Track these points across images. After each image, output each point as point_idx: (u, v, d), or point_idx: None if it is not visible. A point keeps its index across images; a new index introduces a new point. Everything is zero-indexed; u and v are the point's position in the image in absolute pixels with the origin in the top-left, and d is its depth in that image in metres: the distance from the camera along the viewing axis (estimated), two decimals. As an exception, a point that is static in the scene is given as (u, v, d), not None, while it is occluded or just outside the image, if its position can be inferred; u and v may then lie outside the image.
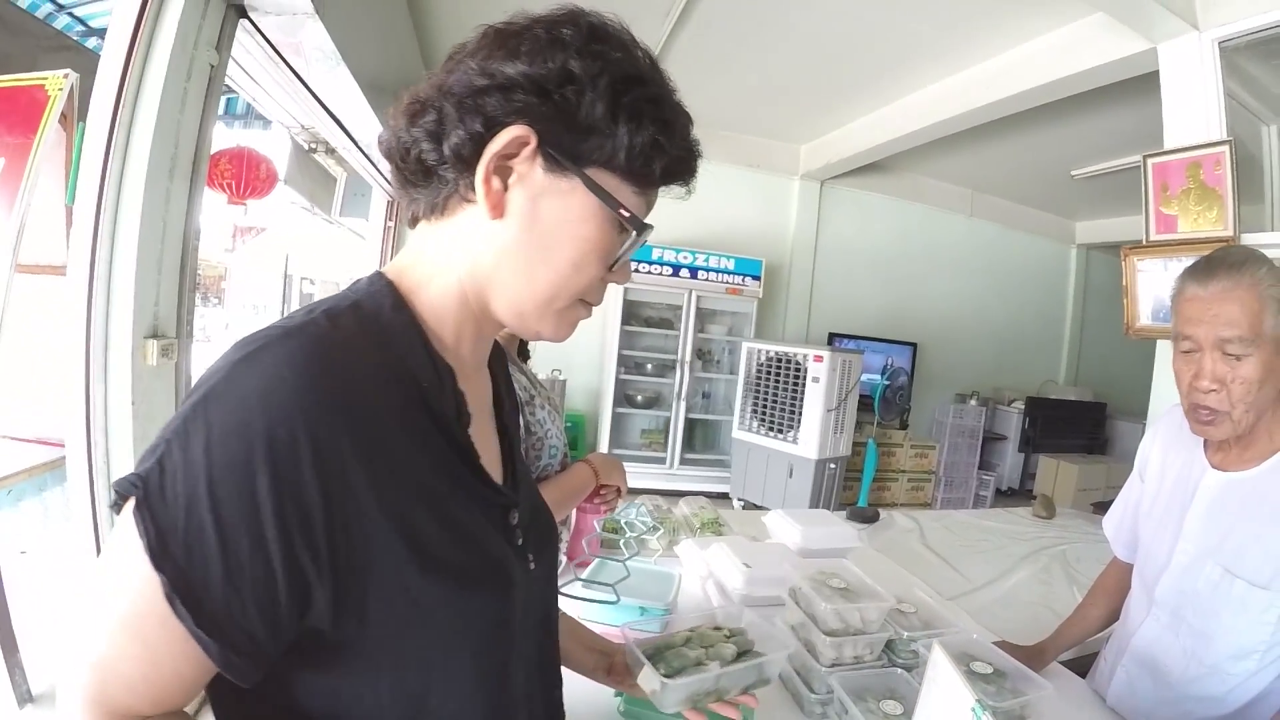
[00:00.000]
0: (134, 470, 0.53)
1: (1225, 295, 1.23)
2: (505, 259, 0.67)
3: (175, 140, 1.99)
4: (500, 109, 0.63)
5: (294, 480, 0.52)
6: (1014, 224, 8.36)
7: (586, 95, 0.63)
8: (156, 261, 2.00)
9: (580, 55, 0.63)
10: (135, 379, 1.94)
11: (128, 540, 0.51)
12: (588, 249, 0.67)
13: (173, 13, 1.89)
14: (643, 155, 0.66)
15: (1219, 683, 1.34)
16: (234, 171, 4.16)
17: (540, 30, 0.64)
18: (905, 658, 1.45)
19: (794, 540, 2.17)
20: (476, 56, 0.65)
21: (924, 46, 4.64)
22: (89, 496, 1.90)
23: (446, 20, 4.76)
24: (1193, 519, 1.40)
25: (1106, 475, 7.17)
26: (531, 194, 0.65)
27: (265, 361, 0.54)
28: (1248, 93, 3.40)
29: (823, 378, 5.46)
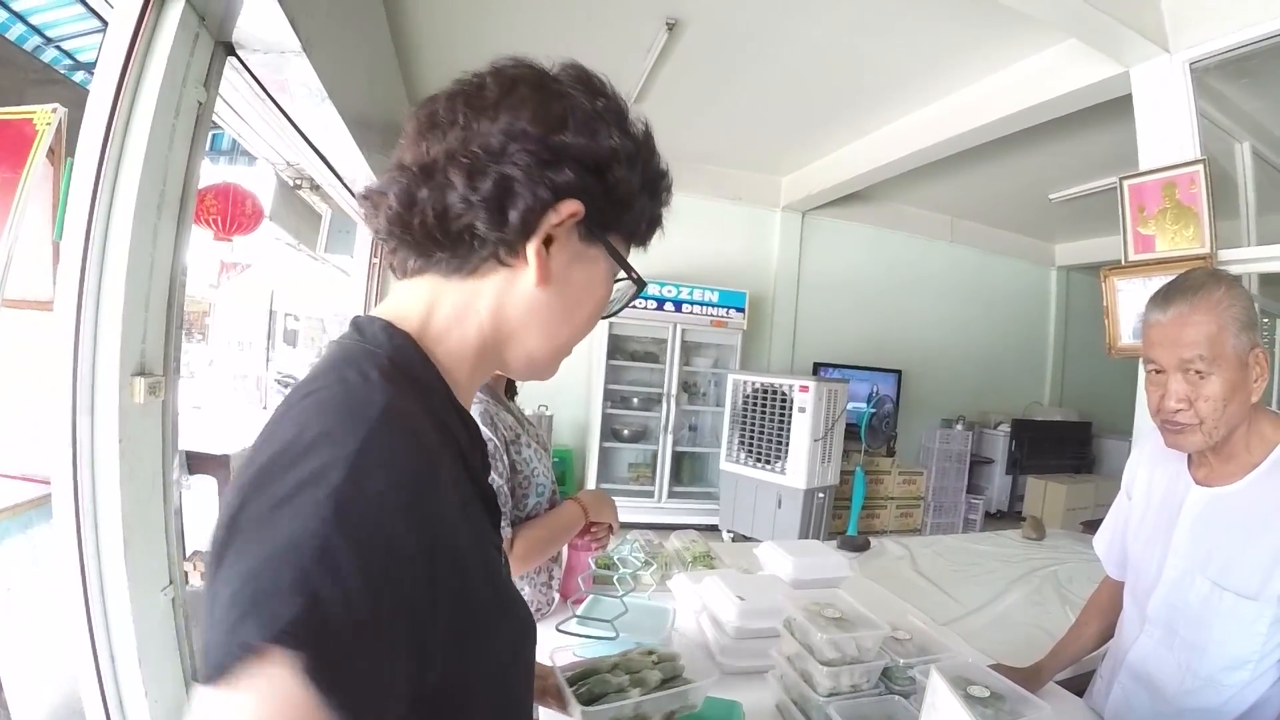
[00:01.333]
0: (247, 623, 0.42)
1: (1184, 320, 1.28)
2: (533, 317, 0.69)
3: (163, 177, 1.98)
4: (564, 183, 0.64)
5: (428, 565, 0.51)
6: (994, 248, 8.47)
7: (625, 172, 0.67)
8: (144, 298, 1.98)
9: (620, 132, 0.67)
10: (122, 417, 1.92)
11: (272, 692, 0.41)
12: (600, 306, 0.74)
13: (161, 50, 1.90)
14: (650, 227, 0.74)
15: (1215, 694, 1.35)
16: (220, 207, 4.16)
17: (581, 97, 0.67)
18: (902, 684, 1.44)
19: (786, 572, 2.16)
20: (518, 114, 0.64)
21: (901, 77, 4.72)
22: (74, 535, 1.87)
23: (432, 58, 4.79)
24: (1180, 535, 1.42)
25: (1095, 494, 7.22)
26: (566, 259, 0.68)
27: (380, 454, 0.51)
28: (1220, 112, 3.47)
29: (809, 407, 5.48)
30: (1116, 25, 3.17)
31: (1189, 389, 1.29)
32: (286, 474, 0.49)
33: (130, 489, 1.96)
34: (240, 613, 0.43)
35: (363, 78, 3.65)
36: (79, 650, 1.93)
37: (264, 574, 0.44)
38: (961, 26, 3.92)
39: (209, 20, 2.05)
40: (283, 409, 0.58)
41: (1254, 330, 1.27)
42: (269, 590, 0.43)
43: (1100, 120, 4.43)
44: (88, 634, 1.92)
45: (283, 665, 0.41)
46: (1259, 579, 1.27)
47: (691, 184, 6.91)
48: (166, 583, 2.13)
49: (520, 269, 0.66)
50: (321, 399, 0.56)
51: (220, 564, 0.47)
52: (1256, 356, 1.27)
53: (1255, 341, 1.27)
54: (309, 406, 0.56)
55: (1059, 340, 8.99)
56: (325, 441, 0.50)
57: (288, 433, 0.52)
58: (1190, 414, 1.30)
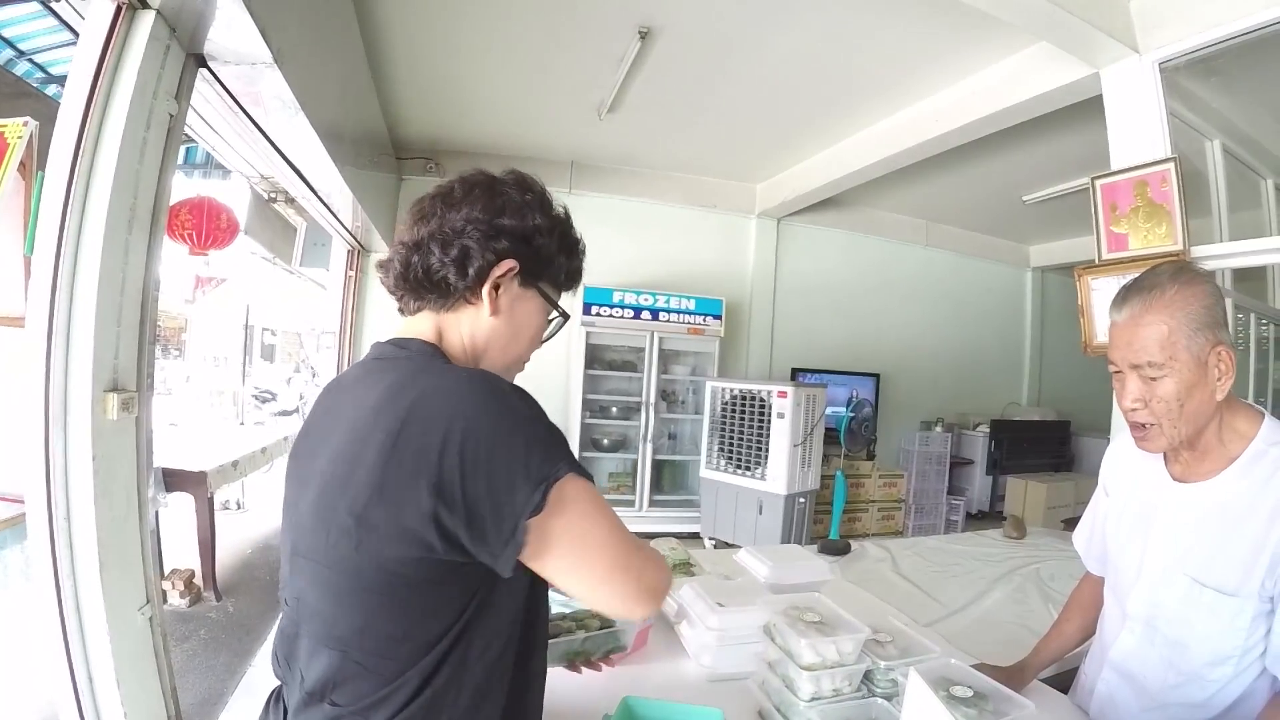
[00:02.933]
0: (543, 470, 0.82)
1: (1136, 321, 1.28)
2: (493, 338, 1.03)
3: (134, 190, 1.97)
4: (501, 248, 0.99)
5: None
6: (969, 251, 8.53)
7: (545, 240, 1.03)
8: (116, 313, 1.96)
9: (540, 214, 1.03)
10: (95, 433, 1.90)
11: (577, 493, 0.85)
12: (536, 333, 1.10)
13: (132, 62, 1.88)
14: (570, 277, 1.11)
15: (1198, 689, 1.35)
16: (195, 222, 4.13)
17: (514, 194, 1.02)
18: (885, 687, 1.44)
19: (765, 577, 2.16)
20: (474, 207, 0.99)
21: (873, 83, 4.75)
22: (49, 553, 1.85)
23: (405, 71, 4.78)
24: (1158, 532, 1.42)
25: (1075, 492, 7.28)
26: (510, 299, 1.03)
27: (500, 382, 0.88)
28: (1189, 110, 3.51)
29: (788, 413, 5.47)
30: (1086, 28, 3.21)
31: (1144, 389, 1.30)
32: (482, 422, 0.82)
33: (104, 507, 1.93)
34: (538, 462, 0.82)
35: (336, 90, 3.63)
36: (56, 671, 1.90)
37: (531, 449, 0.83)
38: (933, 32, 3.95)
39: (180, 32, 2.03)
40: (397, 414, 0.84)
41: (1215, 328, 1.26)
42: (544, 450, 0.84)
43: (1071, 122, 4.47)
44: (64, 654, 1.89)
45: (572, 474, 0.84)
46: (1238, 575, 1.27)
47: (666, 192, 6.94)
48: (144, 602, 2.10)
49: (480, 305, 1.01)
50: (446, 384, 0.87)
51: (479, 478, 0.80)
52: (1219, 355, 1.26)
53: (1217, 339, 1.26)
54: (441, 389, 0.86)
55: (1035, 341, 9.07)
56: (479, 398, 0.85)
57: (443, 415, 0.82)
58: (1146, 413, 1.31)
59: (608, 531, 0.87)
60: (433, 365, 0.95)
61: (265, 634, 3.70)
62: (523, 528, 0.80)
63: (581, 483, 0.85)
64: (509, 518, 0.79)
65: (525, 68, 4.64)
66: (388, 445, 0.81)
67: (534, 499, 0.80)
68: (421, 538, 0.79)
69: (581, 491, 0.85)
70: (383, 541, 0.81)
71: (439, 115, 5.70)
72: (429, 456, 0.79)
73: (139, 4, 1.87)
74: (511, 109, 5.43)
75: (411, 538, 0.80)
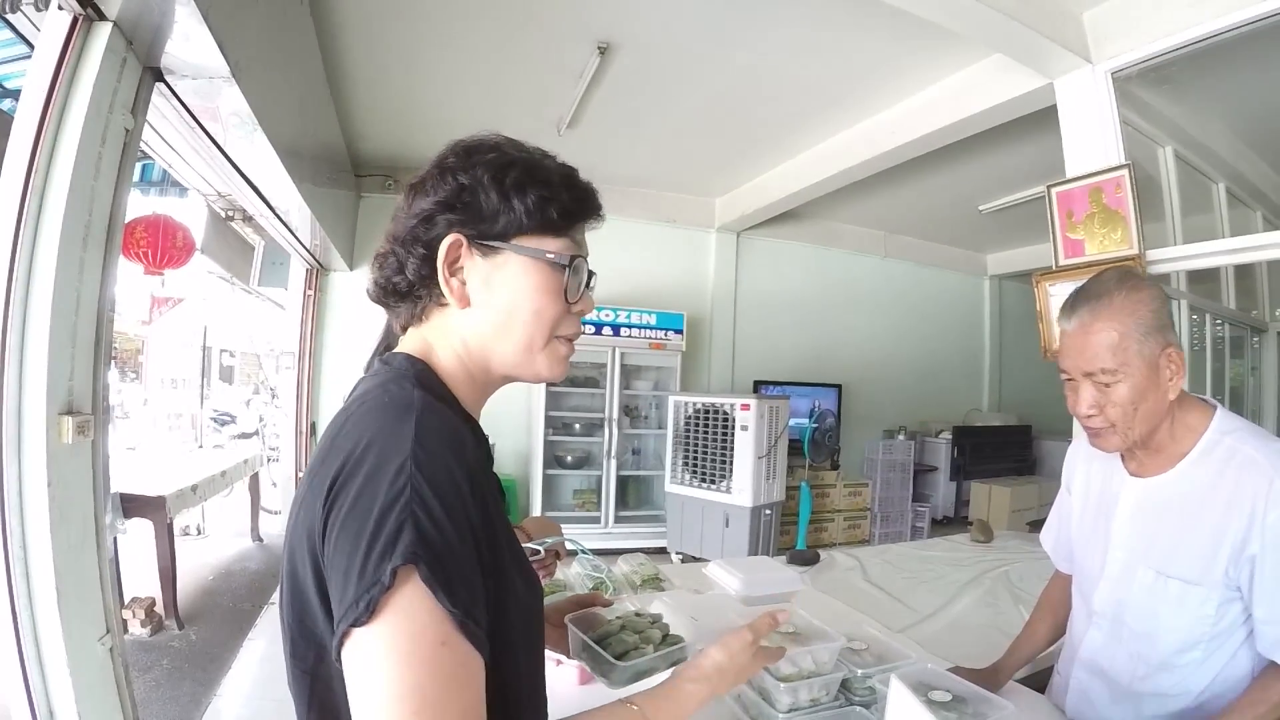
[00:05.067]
0: (384, 551, 0.63)
1: (1086, 330, 1.31)
2: (483, 332, 0.87)
3: (89, 207, 1.92)
4: (432, 233, 0.85)
5: (474, 506, 0.71)
6: (927, 261, 8.67)
7: (479, 194, 0.85)
8: (70, 333, 1.91)
9: (464, 170, 0.86)
10: (50, 458, 1.84)
11: (407, 606, 0.63)
12: (537, 296, 0.87)
13: (88, 75, 1.84)
14: (538, 211, 0.86)
15: (1168, 676, 1.38)
16: (150, 240, 4.06)
17: (434, 169, 0.88)
18: (862, 695, 1.44)
19: (737, 590, 2.15)
20: (405, 207, 0.89)
21: (830, 97, 4.81)
22: (5, 582, 1.78)
23: (365, 89, 4.75)
24: (1119, 527, 1.45)
25: (1038, 494, 7.41)
26: (482, 278, 0.86)
27: (429, 426, 0.73)
28: (1142, 118, 3.62)
29: (751, 425, 5.50)
30: (1040, 39, 3.28)
31: (1098, 395, 1.32)
32: (366, 459, 0.69)
33: (62, 534, 1.87)
34: (375, 559, 0.63)
35: (294, 105, 3.58)
36: (15, 704, 1.84)
37: (381, 526, 0.64)
38: (889, 46, 4.01)
39: (137, 44, 2.00)
40: (339, 421, 0.79)
41: (1165, 331, 1.29)
42: (390, 534, 0.63)
43: (1026, 131, 4.56)
44: (23, 687, 1.82)
45: (412, 581, 0.63)
46: (1201, 564, 1.31)
47: (625, 208, 6.93)
48: (104, 632, 2.04)
49: (451, 303, 0.86)
50: (373, 406, 0.77)
51: (331, 541, 0.67)
52: (1169, 357, 1.29)
53: (1168, 341, 1.29)
54: (366, 413, 0.76)
55: (994, 347, 9.23)
56: (389, 430, 0.71)
57: (354, 434, 0.73)
58: (1101, 419, 1.33)
59: (398, 695, 0.62)
60: (387, 384, 0.81)
61: (230, 663, 3.60)
62: (343, 630, 0.64)
63: (414, 601, 0.63)
64: (339, 605, 0.65)
65: (485, 84, 4.63)
66: (315, 464, 0.75)
67: (360, 605, 0.62)
68: (313, 566, 0.71)
69: (406, 618, 0.63)
70: (294, 554, 0.75)
71: (398, 132, 5.66)
72: (323, 490, 0.70)
73: (95, 15, 1.83)
74: (471, 125, 5.23)
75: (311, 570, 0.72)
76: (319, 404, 6.32)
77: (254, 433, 8.78)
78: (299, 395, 6.24)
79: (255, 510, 6.03)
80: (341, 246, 5.71)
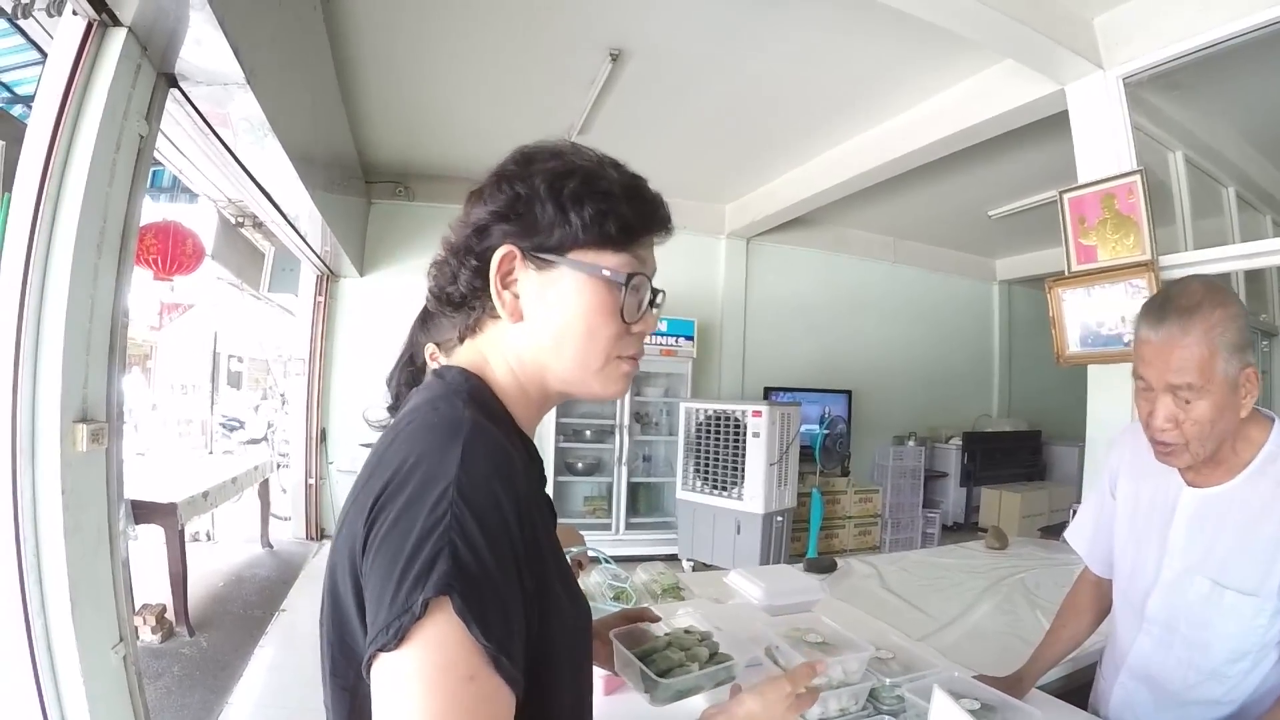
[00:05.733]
0: (417, 579, 0.60)
1: (1175, 342, 1.26)
2: (538, 348, 0.83)
3: (104, 214, 1.92)
4: (486, 243, 0.82)
5: (520, 534, 0.67)
6: (937, 266, 8.64)
7: (535, 204, 0.80)
8: (85, 341, 1.91)
9: (521, 179, 0.81)
10: (64, 466, 1.84)
11: (437, 637, 0.60)
12: (592, 313, 0.81)
13: (102, 81, 1.84)
14: (595, 224, 0.80)
15: (1217, 685, 1.38)
16: (160, 246, 4.06)
17: (493, 176, 0.84)
18: (890, 704, 1.42)
19: (759, 599, 2.14)
20: (463, 216, 0.86)
21: (840, 103, 4.79)
22: (19, 591, 1.77)
23: (376, 93, 4.75)
24: (1175, 536, 1.43)
25: (1048, 500, 7.37)
26: (536, 292, 0.81)
27: (478, 450, 0.69)
28: (1153, 123, 3.59)
29: (763, 432, 5.48)
30: (1051, 45, 3.26)
31: (1176, 410, 1.28)
32: (410, 480, 0.66)
33: (75, 542, 1.87)
34: (409, 586, 0.60)
35: (307, 111, 3.59)
36: (27, 714, 1.82)
37: (417, 552, 0.61)
38: (900, 52, 3.99)
39: (151, 51, 1.99)
40: (388, 437, 0.76)
41: (1246, 350, 1.26)
42: (425, 561, 0.60)
43: (1036, 137, 4.54)
44: (36, 696, 1.81)
45: (444, 612, 0.59)
46: (1258, 575, 1.30)
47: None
48: (117, 640, 2.04)
49: (504, 317, 0.83)
50: (422, 424, 0.74)
51: (369, 561, 0.65)
52: (1247, 376, 1.27)
53: (1248, 361, 1.27)
54: (414, 431, 0.73)
55: (1004, 352, 9.19)
56: (435, 451, 0.68)
57: (401, 452, 0.70)
58: (1176, 434, 1.30)
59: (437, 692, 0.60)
60: (437, 401, 0.79)
61: (241, 670, 3.61)
62: (371, 653, 0.62)
63: (445, 633, 0.60)
64: (371, 627, 0.63)
65: (497, 91, 4.63)
66: (361, 481, 0.73)
67: (389, 632, 0.60)
68: (352, 582, 0.70)
69: (435, 649, 0.60)
70: (335, 571, 0.73)
71: (409, 138, 5.67)
72: (366, 507, 0.68)
73: (110, 21, 1.83)
74: (482, 132, 5.39)
75: (350, 580, 0.70)
76: (329, 410, 6.33)
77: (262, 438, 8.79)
78: (309, 401, 6.26)
79: (265, 516, 6.01)
80: (352, 253, 5.73)
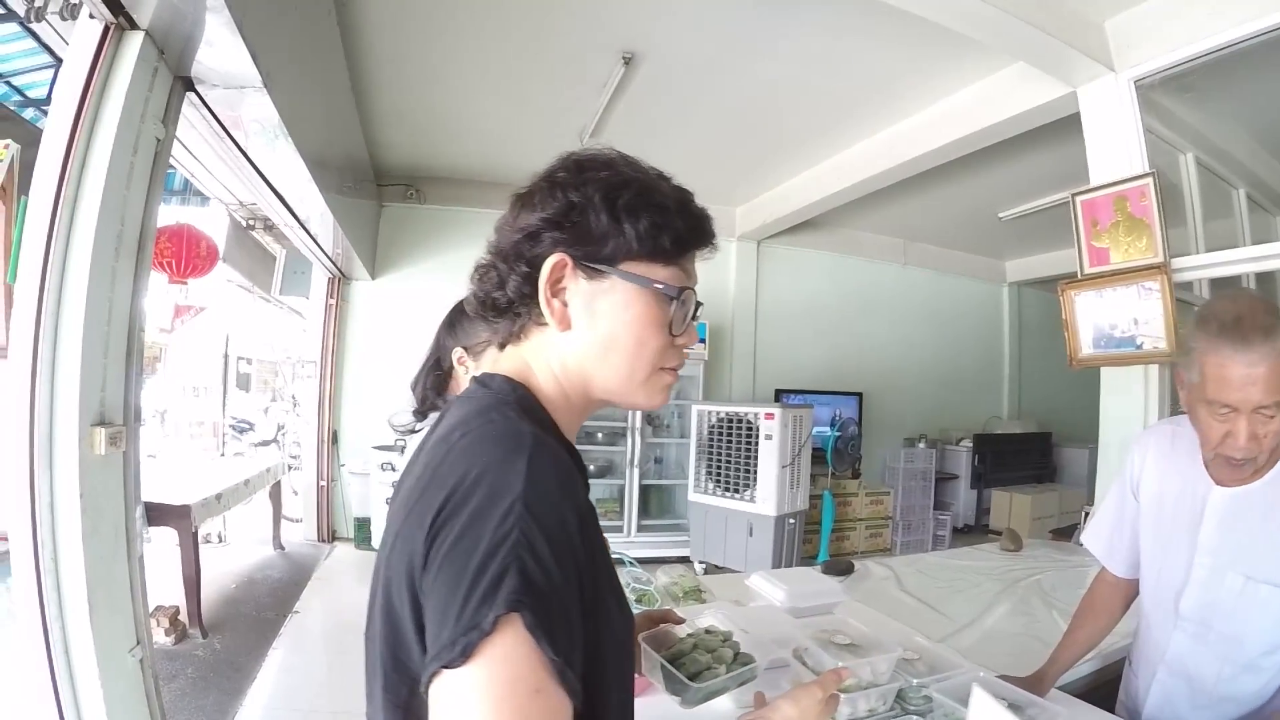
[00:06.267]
0: (485, 596, 0.59)
1: (1261, 363, 1.24)
2: (584, 357, 0.84)
3: (121, 216, 1.92)
4: (536, 250, 0.81)
5: (581, 547, 0.68)
6: (946, 268, 8.62)
7: (590, 214, 0.80)
8: (103, 344, 1.91)
9: (575, 187, 0.81)
10: (83, 469, 1.84)
11: (506, 653, 0.59)
12: (641, 326, 0.82)
13: (120, 85, 1.85)
14: (650, 237, 0.82)
15: (1253, 678, 1.41)
16: (174, 250, 4.07)
17: (543, 182, 0.83)
18: (917, 704, 1.43)
19: (782, 601, 2.14)
20: (510, 220, 0.84)
21: (851, 106, 4.79)
22: (36, 594, 1.78)
23: (387, 96, 4.75)
24: (1206, 534, 1.44)
25: (1059, 503, 7.33)
26: (584, 301, 0.82)
27: (543, 464, 0.69)
28: (1164, 125, 3.58)
29: (775, 434, 5.46)
30: (1063, 48, 3.25)
31: (1259, 426, 1.28)
32: (474, 494, 0.66)
33: (93, 545, 1.87)
34: (476, 602, 0.59)
35: (321, 114, 3.59)
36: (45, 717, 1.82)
37: (484, 568, 0.60)
38: (911, 55, 3.99)
39: (168, 54, 2.00)
40: (441, 451, 0.75)
41: None
42: (494, 577, 0.60)
43: (1046, 139, 4.52)
44: (54, 700, 1.81)
45: (514, 628, 0.59)
46: None
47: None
48: (134, 643, 2.04)
49: (551, 324, 0.82)
50: (480, 436, 0.74)
51: (431, 576, 0.64)
52: None
53: None
54: (472, 444, 0.73)
55: (1014, 354, 9.15)
56: (499, 465, 0.68)
57: (461, 465, 0.69)
58: (1255, 448, 1.29)
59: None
60: (488, 412, 0.78)
61: (255, 673, 3.61)
62: (433, 670, 0.61)
63: (514, 648, 0.59)
64: (433, 643, 0.63)
65: (509, 94, 4.63)
66: (415, 494, 0.72)
67: (455, 648, 0.59)
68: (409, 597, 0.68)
69: (502, 664, 0.59)
70: (390, 586, 0.72)
71: (420, 141, 5.68)
72: (425, 521, 0.67)
73: (127, 24, 1.84)
74: (494, 135, 5.41)
75: (406, 595, 0.69)
76: (340, 412, 6.35)
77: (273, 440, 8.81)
78: (320, 403, 6.27)
79: (277, 518, 6.01)
80: (364, 256, 5.74)
